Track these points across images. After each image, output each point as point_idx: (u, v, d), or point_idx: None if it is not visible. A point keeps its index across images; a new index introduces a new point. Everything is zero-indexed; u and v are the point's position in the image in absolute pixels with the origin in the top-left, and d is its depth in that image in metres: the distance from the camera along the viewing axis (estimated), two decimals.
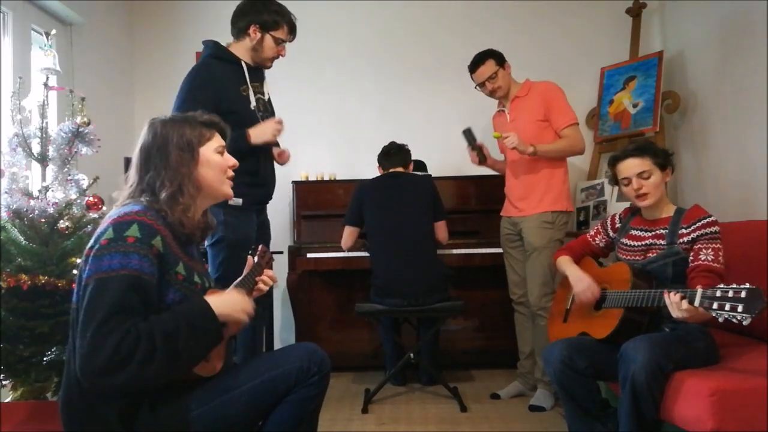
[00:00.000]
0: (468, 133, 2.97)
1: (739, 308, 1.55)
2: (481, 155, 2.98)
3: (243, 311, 1.44)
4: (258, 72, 2.52)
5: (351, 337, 3.62)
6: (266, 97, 2.55)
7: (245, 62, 2.43)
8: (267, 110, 2.53)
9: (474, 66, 2.94)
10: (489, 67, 2.90)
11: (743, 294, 1.56)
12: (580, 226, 3.60)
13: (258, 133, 2.34)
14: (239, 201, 2.28)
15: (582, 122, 3.77)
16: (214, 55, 2.39)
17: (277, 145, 2.52)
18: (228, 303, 1.42)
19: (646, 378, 1.75)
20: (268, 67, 2.53)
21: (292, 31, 2.45)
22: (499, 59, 2.92)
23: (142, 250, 1.31)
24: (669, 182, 2.14)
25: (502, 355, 3.46)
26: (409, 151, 3.21)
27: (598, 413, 2.00)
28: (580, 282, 2.14)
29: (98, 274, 1.28)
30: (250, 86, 2.41)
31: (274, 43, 2.41)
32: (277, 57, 2.48)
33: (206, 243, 2.40)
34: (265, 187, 2.54)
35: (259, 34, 2.39)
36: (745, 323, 1.54)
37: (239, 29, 2.41)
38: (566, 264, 2.27)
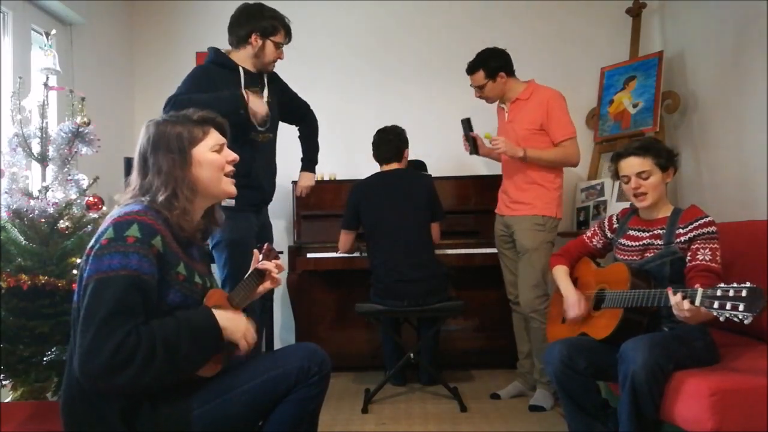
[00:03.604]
0: (466, 123, 2.97)
1: (741, 307, 1.54)
2: (473, 146, 2.97)
3: (243, 337, 1.44)
4: (257, 77, 2.57)
5: (351, 337, 3.62)
6: (264, 100, 2.56)
7: (245, 68, 2.52)
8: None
9: (468, 70, 2.95)
10: (478, 78, 2.91)
11: (744, 293, 1.55)
12: (580, 226, 3.60)
13: (255, 102, 2.39)
14: (231, 202, 2.29)
15: (582, 122, 3.78)
16: (214, 61, 2.50)
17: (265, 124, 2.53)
18: (231, 323, 1.42)
19: (646, 378, 1.75)
20: (270, 71, 2.61)
21: (288, 33, 2.56)
22: (490, 72, 2.86)
23: (141, 250, 1.31)
24: (669, 182, 2.14)
25: (502, 355, 3.47)
26: (401, 134, 3.11)
27: (598, 413, 2.00)
28: (568, 299, 2.18)
29: (98, 274, 1.28)
30: (245, 91, 2.42)
31: (274, 48, 2.51)
32: (276, 60, 2.57)
33: (210, 245, 2.46)
34: (259, 189, 2.58)
35: (260, 41, 2.47)
36: (746, 322, 1.54)
37: (239, 38, 2.49)
38: (559, 277, 2.29)
